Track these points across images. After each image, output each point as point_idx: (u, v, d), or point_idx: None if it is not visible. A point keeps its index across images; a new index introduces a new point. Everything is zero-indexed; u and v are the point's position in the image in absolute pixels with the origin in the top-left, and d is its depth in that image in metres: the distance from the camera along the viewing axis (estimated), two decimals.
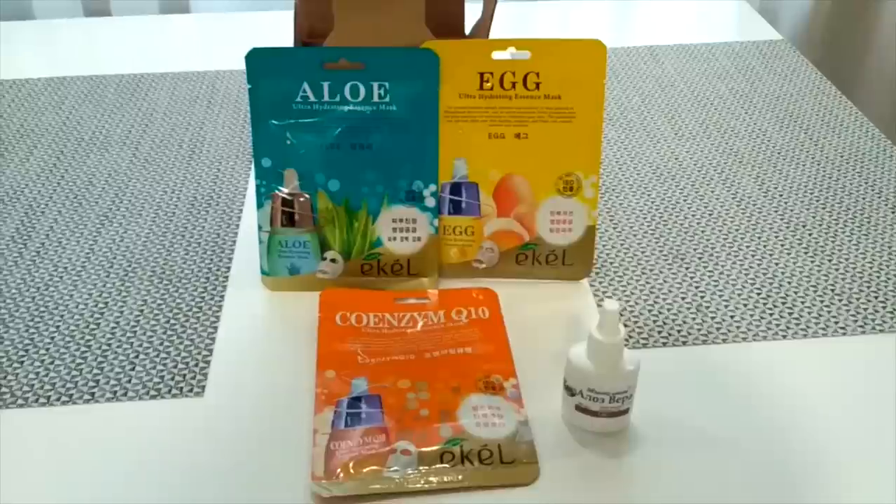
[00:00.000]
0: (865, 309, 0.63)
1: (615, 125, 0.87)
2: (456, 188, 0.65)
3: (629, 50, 1.02)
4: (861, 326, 0.62)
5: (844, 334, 0.61)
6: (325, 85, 0.61)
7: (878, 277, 0.66)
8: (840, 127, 0.86)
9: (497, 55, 0.61)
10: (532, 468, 0.51)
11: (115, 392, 0.57)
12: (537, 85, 0.62)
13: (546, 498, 0.50)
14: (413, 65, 0.61)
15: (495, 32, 1.00)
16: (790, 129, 0.86)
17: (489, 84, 0.62)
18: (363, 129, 0.62)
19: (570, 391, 0.53)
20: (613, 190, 0.77)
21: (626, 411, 0.53)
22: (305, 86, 0.61)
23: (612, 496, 0.50)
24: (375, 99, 0.62)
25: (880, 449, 0.53)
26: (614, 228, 0.72)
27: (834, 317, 0.63)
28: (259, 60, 0.61)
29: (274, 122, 0.62)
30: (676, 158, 0.82)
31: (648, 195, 0.76)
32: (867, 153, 0.82)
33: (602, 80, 0.62)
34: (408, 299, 0.64)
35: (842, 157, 0.82)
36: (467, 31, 0.76)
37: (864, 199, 0.76)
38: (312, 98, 0.61)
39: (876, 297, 0.64)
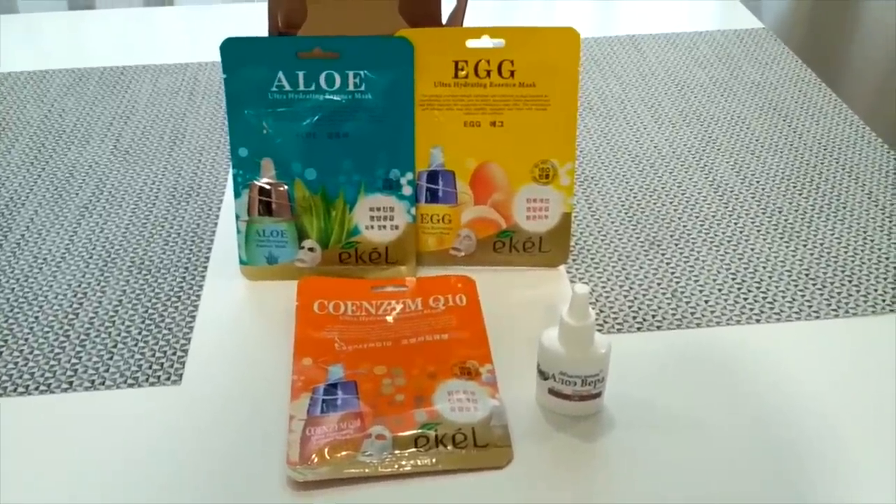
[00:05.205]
0: (839, 293, 0.64)
1: (595, 114, 0.87)
2: (433, 176, 0.65)
3: (610, 39, 1.02)
4: (834, 310, 0.62)
5: (818, 318, 0.62)
6: (301, 74, 0.61)
7: (853, 262, 0.67)
8: (819, 114, 0.87)
9: (471, 43, 0.62)
10: (505, 451, 0.52)
11: (93, 381, 0.57)
12: (512, 73, 0.62)
13: (519, 481, 0.50)
14: (387, 53, 0.61)
15: (478, 18, 1.01)
16: (769, 116, 0.86)
17: (464, 72, 0.62)
18: (339, 117, 0.63)
19: (542, 375, 0.53)
20: (592, 178, 0.78)
21: (598, 395, 0.53)
22: (281, 75, 0.61)
23: (585, 479, 0.50)
24: (351, 88, 0.62)
25: (853, 430, 0.53)
26: (592, 216, 0.73)
27: (808, 301, 0.63)
28: (234, 50, 0.61)
29: (250, 111, 0.62)
30: (655, 146, 0.82)
31: (626, 183, 0.77)
32: (845, 140, 0.82)
33: (576, 68, 0.62)
34: (385, 287, 0.64)
35: (820, 143, 0.82)
36: (444, 20, 0.76)
37: (840, 185, 0.76)
38: (288, 87, 0.62)
39: (850, 282, 0.65)
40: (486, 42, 0.62)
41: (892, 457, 0.51)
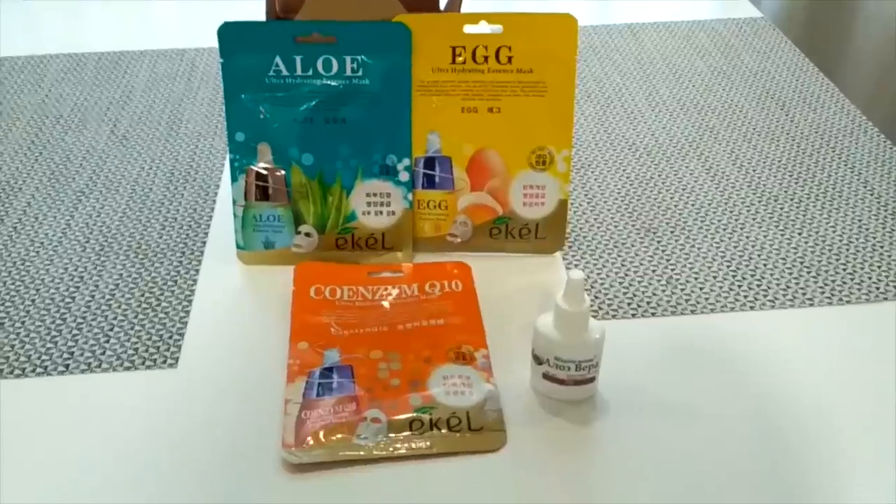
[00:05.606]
0: (833, 281, 0.64)
1: (593, 102, 0.87)
2: (429, 162, 0.65)
3: (609, 28, 1.02)
4: (828, 298, 0.63)
5: (811, 305, 0.62)
6: (298, 59, 0.61)
7: (847, 250, 0.67)
8: (817, 103, 0.87)
9: (469, 29, 0.62)
10: (499, 435, 0.52)
11: (90, 364, 0.58)
12: (509, 59, 0.62)
13: (513, 464, 0.51)
14: (385, 38, 0.61)
15: (476, 4, 1.00)
16: (767, 105, 0.86)
17: (461, 58, 0.62)
18: (336, 103, 0.63)
19: (537, 360, 0.54)
20: (589, 165, 0.78)
21: (592, 379, 0.53)
22: (278, 60, 0.61)
23: (578, 462, 0.51)
24: (348, 73, 0.62)
25: (846, 416, 0.53)
26: (588, 203, 0.73)
27: (802, 288, 0.64)
28: (231, 34, 0.61)
29: (247, 96, 0.62)
30: (653, 134, 0.82)
31: (624, 170, 0.77)
32: (842, 129, 0.82)
33: (574, 55, 0.62)
34: (382, 273, 0.65)
35: (817, 132, 0.82)
36: (442, 5, 0.76)
37: (836, 173, 0.76)
38: (285, 72, 0.62)
39: (844, 270, 0.65)
40: (483, 28, 0.62)
41: (886, 443, 0.52)
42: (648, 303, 0.62)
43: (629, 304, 0.62)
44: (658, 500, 0.48)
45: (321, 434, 0.51)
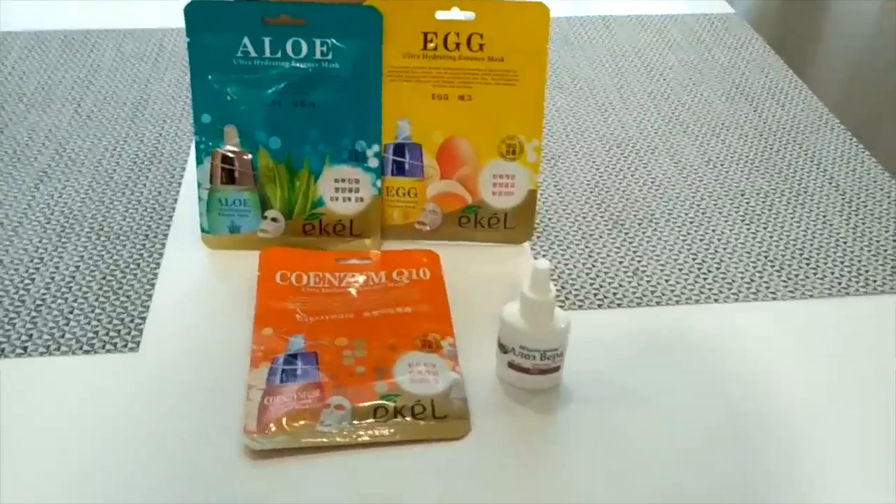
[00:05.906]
0: (797, 275, 0.65)
1: (565, 93, 0.87)
2: (399, 149, 0.65)
3: (583, 19, 1.02)
4: (791, 292, 0.63)
5: (775, 299, 0.63)
6: (267, 41, 0.60)
7: (811, 245, 0.68)
8: (785, 100, 0.87)
9: (441, 15, 0.61)
10: (463, 423, 0.52)
11: (49, 346, 0.56)
12: (481, 46, 0.62)
13: (476, 452, 0.51)
14: (355, 22, 0.61)
15: None
16: (736, 100, 0.87)
17: (433, 44, 0.62)
18: (305, 86, 0.62)
19: (503, 348, 0.54)
20: (559, 157, 0.78)
21: (557, 369, 0.54)
22: (246, 41, 0.60)
23: (542, 451, 0.51)
24: (318, 56, 0.61)
25: (804, 409, 0.54)
26: (557, 194, 0.73)
27: (766, 282, 0.64)
28: (199, 13, 0.60)
29: (214, 77, 0.61)
30: (623, 127, 0.82)
31: (593, 162, 0.77)
32: (809, 126, 0.83)
33: (545, 44, 0.62)
34: (349, 260, 0.64)
35: (784, 129, 0.83)
36: None
37: (802, 169, 0.77)
38: (253, 53, 0.61)
39: (808, 264, 0.66)
40: (455, 14, 0.61)
41: (845, 433, 0.52)
42: (615, 294, 0.63)
43: (595, 294, 0.62)
44: (622, 490, 0.49)
45: (284, 420, 0.51)
